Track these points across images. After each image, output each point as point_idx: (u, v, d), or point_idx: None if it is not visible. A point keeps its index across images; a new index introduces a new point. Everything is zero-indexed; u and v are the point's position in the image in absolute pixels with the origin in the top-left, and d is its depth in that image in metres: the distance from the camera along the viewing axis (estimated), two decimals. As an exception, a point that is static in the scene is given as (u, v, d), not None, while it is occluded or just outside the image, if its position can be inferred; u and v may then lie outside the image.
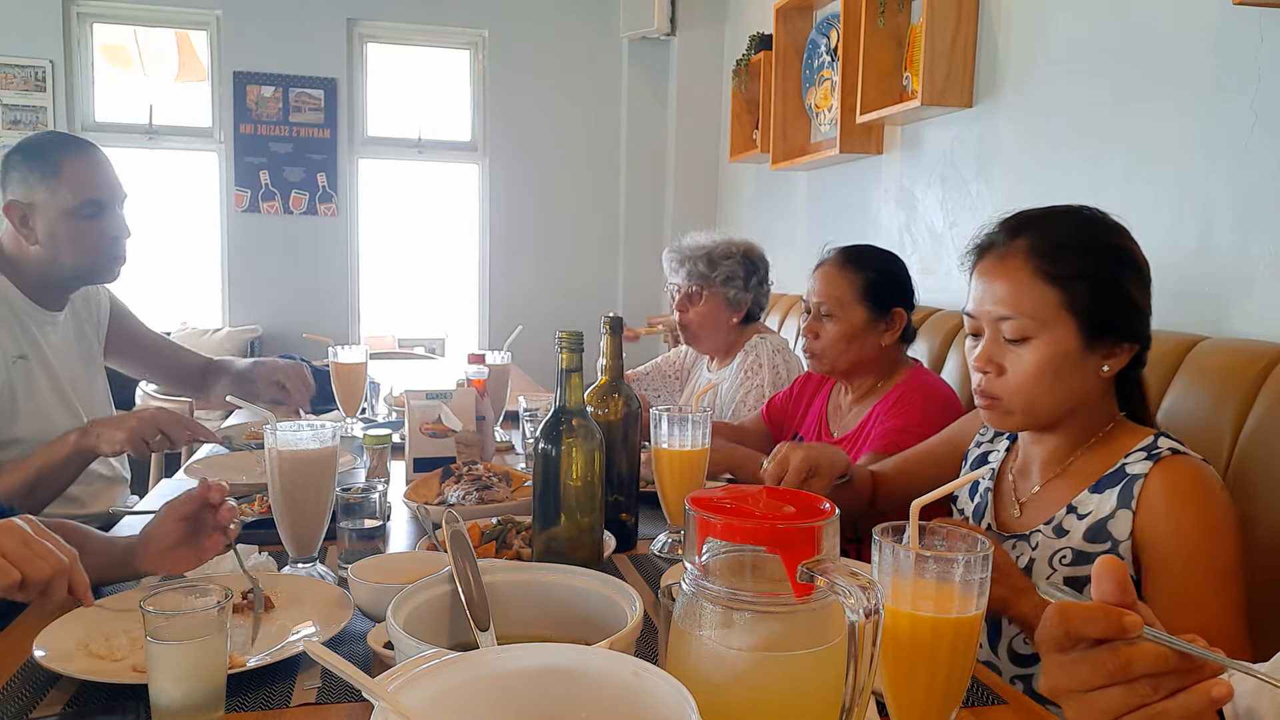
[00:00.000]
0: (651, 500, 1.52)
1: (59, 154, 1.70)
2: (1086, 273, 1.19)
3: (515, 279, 5.13)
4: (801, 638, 0.64)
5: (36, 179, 1.69)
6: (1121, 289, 1.21)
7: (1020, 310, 1.20)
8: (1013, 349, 1.22)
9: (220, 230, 4.84)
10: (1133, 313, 1.22)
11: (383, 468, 1.72)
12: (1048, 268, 1.20)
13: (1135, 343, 1.22)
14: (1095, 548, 1.18)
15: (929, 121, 2.81)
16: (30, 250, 1.72)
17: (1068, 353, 1.19)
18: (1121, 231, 1.26)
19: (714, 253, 2.36)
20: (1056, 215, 1.27)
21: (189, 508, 1.15)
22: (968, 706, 0.94)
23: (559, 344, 1.18)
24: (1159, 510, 1.14)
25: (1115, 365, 1.22)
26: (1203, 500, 1.14)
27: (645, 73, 4.99)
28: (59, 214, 1.69)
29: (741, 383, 2.32)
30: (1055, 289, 1.19)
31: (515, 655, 0.64)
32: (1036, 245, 1.21)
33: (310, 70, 4.81)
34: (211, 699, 0.84)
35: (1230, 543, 1.13)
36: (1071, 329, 1.19)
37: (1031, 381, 1.21)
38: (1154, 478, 1.15)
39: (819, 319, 1.89)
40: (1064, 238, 1.22)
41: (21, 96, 4.50)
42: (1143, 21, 1.96)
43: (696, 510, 0.66)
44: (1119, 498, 1.17)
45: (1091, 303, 1.19)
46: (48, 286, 1.78)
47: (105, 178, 1.75)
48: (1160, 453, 1.17)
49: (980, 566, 0.75)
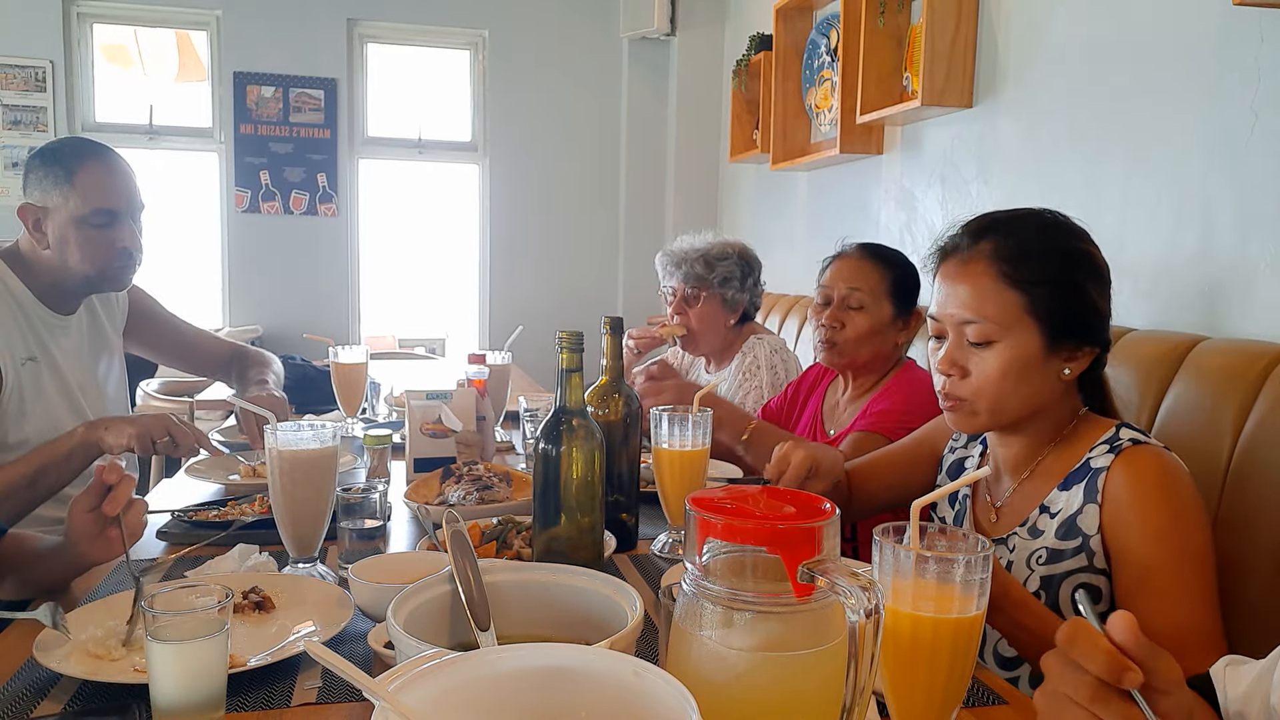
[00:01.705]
0: (652, 500, 1.52)
1: (77, 161, 1.70)
2: (1049, 277, 1.20)
3: (515, 279, 5.13)
4: (802, 638, 0.64)
5: (51, 184, 1.69)
6: (1083, 293, 1.22)
7: (984, 314, 1.21)
8: (976, 352, 1.23)
9: (220, 230, 4.84)
10: (1094, 317, 1.23)
11: (383, 468, 1.72)
12: (1011, 272, 1.20)
13: (1096, 346, 1.24)
14: (1067, 544, 1.19)
15: (929, 122, 2.81)
16: (42, 254, 1.73)
17: (1030, 356, 1.21)
18: (1083, 236, 1.26)
19: (710, 254, 2.36)
20: (1019, 219, 1.27)
21: (90, 499, 1.16)
22: (968, 706, 0.94)
23: (559, 344, 1.18)
24: (1123, 502, 1.15)
25: (1077, 368, 1.23)
26: (1166, 489, 1.15)
27: (645, 73, 4.99)
28: (69, 220, 1.69)
29: (740, 384, 2.32)
30: (1018, 293, 1.20)
31: (515, 655, 0.64)
32: (999, 249, 1.22)
33: (310, 70, 4.81)
34: (212, 699, 0.84)
35: (1196, 529, 1.13)
36: (1034, 333, 1.20)
37: (994, 384, 1.22)
38: (1116, 470, 1.16)
39: (845, 309, 1.86)
40: (1027, 242, 1.22)
41: (21, 96, 4.50)
42: (1143, 21, 1.96)
43: (697, 510, 0.66)
44: (1085, 493, 1.19)
45: (1054, 307, 1.20)
46: (58, 290, 1.78)
47: (120, 188, 1.74)
48: (1121, 444, 1.19)
49: (981, 566, 0.75)
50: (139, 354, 2.10)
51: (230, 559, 1.28)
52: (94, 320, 1.91)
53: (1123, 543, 1.14)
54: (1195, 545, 1.12)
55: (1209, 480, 1.44)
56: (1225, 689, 0.83)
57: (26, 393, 1.71)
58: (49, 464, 1.53)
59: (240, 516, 1.50)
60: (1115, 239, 2.03)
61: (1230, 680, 0.83)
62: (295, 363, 2.74)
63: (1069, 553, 1.19)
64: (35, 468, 1.51)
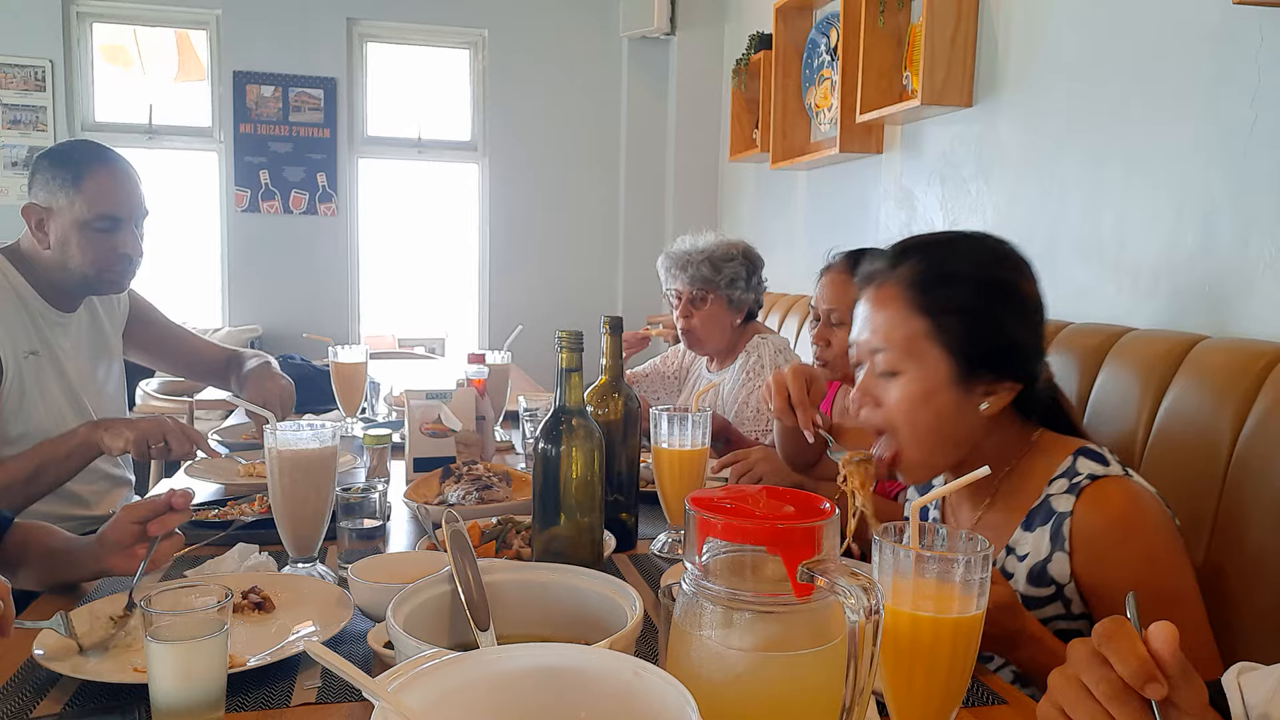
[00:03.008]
0: (651, 500, 1.52)
1: (84, 165, 1.71)
2: (960, 306, 1.15)
3: (515, 279, 5.13)
4: (802, 638, 0.64)
5: (57, 186, 1.70)
6: (999, 325, 1.15)
7: (889, 342, 1.17)
8: (885, 382, 1.18)
9: (220, 230, 4.84)
10: (1012, 351, 1.16)
11: (383, 468, 1.72)
12: (919, 298, 1.16)
13: (1016, 381, 1.17)
14: (1041, 591, 1.14)
15: (929, 121, 2.81)
16: (42, 254, 1.75)
17: (937, 387, 1.15)
18: (1016, 265, 1.20)
19: (715, 255, 2.36)
20: (944, 244, 1.23)
21: (143, 511, 1.16)
22: (968, 706, 0.94)
23: (559, 344, 1.18)
24: (1094, 552, 1.09)
25: (996, 403, 1.16)
26: (1134, 530, 1.10)
27: (645, 72, 4.99)
28: (72, 223, 1.71)
29: (743, 384, 2.32)
30: (925, 320, 1.15)
31: (515, 655, 0.64)
32: (913, 275, 1.17)
33: (310, 70, 4.81)
34: (211, 699, 0.84)
35: (1172, 563, 1.09)
36: (942, 363, 1.14)
37: (902, 415, 1.16)
38: (1080, 515, 1.10)
39: (830, 326, 1.87)
40: (944, 268, 1.17)
41: (21, 96, 4.50)
42: (1143, 21, 1.96)
43: (697, 510, 0.66)
44: (1051, 540, 1.13)
45: (963, 337, 1.14)
46: (57, 289, 1.80)
47: (125, 194, 1.75)
48: (1081, 482, 1.12)
49: (980, 566, 0.75)
50: (137, 359, 2.12)
51: (230, 559, 1.28)
52: (94, 320, 1.93)
53: (1101, 593, 1.10)
54: (1174, 582, 1.08)
55: (1209, 480, 1.44)
56: (1242, 696, 0.82)
57: (27, 386, 1.72)
58: (48, 462, 1.54)
59: (240, 516, 1.50)
60: (1115, 239, 2.04)
61: (1247, 686, 0.82)
62: (295, 363, 2.73)
63: (1044, 600, 1.14)
64: (35, 465, 1.53)
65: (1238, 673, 0.85)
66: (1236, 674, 0.85)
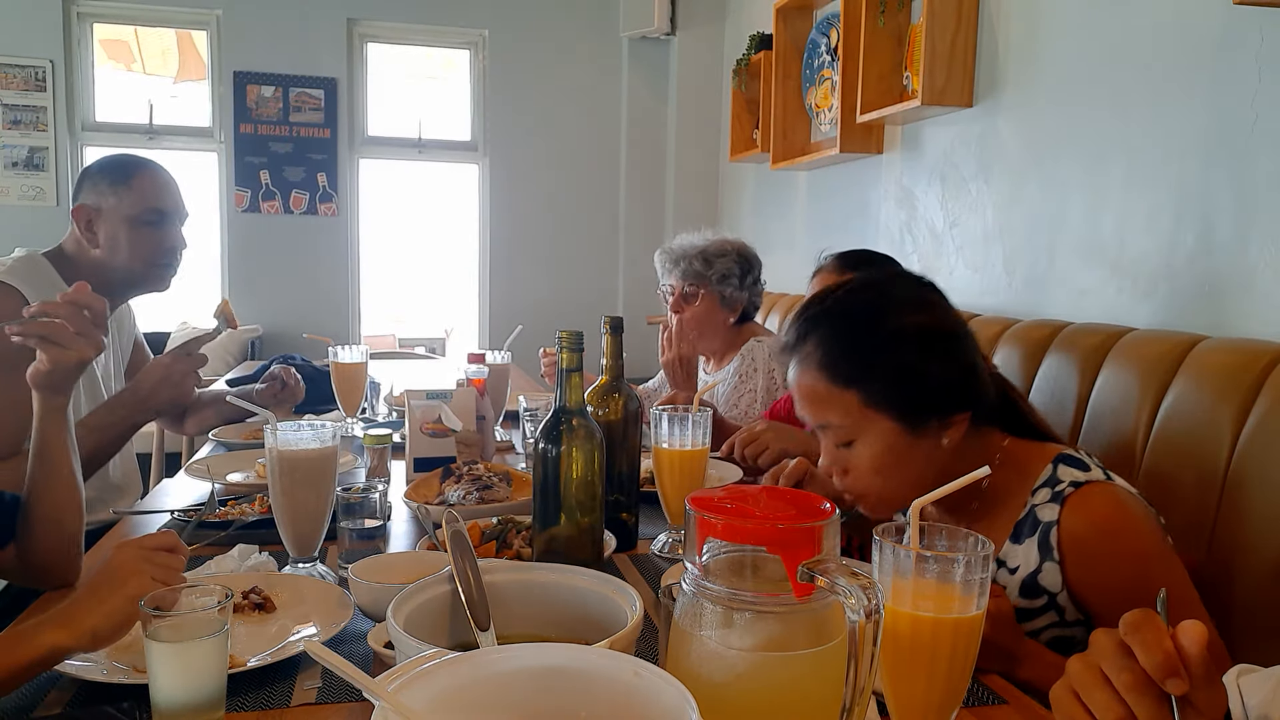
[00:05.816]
0: (652, 500, 1.52)
1: (133, 168, 1.86)
2: (877, 372, 1.16)
3: (515, 279, 5.13)
4: (802, 638, 0.64)
5: (107, 186, 1.81)
6: (921, 375, 1.16)
7: (829, 420, 1.19)
8: (845, 451, 1.20)
9: (220, 230, 4.84)
10: (947, 388, 1.17)
11: (383, 468, 1.72)
12: (837, 375, 1.17)
13: (964, 410, 1.18)
14: (1033, 603, 1.15)
15: (929, 121, 2.81)
16: (90, 254, 1.82)
17: (893, 444, 1.17)
18: (912, 301, 1.21)
19: (708, 251, 2.35)
20: (836, 314, 1.22)
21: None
22: (968, 706, 0.94)
23: (559, 344, 1.17)
24: (1084, 558, 1.10)
25: (955, 434, 1.18)
26: (1120, 533, 1.11)
27: (645, 72, 4.99)
28: (122, 219, 1.81)
29: (736, 386, 2.31)
30: (852, 391, 1.16)
31: (515, 655, 0.64)
32: (820, 354, 1.18)
33: (310, 70, 4.81)
34: (211, 699, 0.84)
35: (1163, 563, 1.10)
36: (887, 421, 1.16)
37: (874, 475, 1.18)
38: (1068, 524, 1.11)
39: None
40: (844, 338, 1.18)
41: (21, 96, 4.50)
42: (1143, 21, 1.96)
43: (697, 510, 0.66)
44: (1040, 550, 1.13)
45: (894, 396, 1.16)
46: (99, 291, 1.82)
47: (171, 193, 1.90)
48: (1064, 490, 1.13)
49: (980, 566, 0.75)
50: None
51: (230, 559, 1.28)
52: (113, 342, 2.02)
53: (1097, 600, 1.11)
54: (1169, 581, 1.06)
55: (1209, 480, 1.44)
56: (1242, 697, 0.82)
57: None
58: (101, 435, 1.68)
59: (240, 516, 1.50)
60: (1115, 239, 2.04)
61: (1247, 688, 0.82)
62: (295, 363, 2.73)
63: (1037, 611, 1.15)
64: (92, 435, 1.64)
65: (1238, 674, 0.85)
66: (1236, 676, 0.85)
